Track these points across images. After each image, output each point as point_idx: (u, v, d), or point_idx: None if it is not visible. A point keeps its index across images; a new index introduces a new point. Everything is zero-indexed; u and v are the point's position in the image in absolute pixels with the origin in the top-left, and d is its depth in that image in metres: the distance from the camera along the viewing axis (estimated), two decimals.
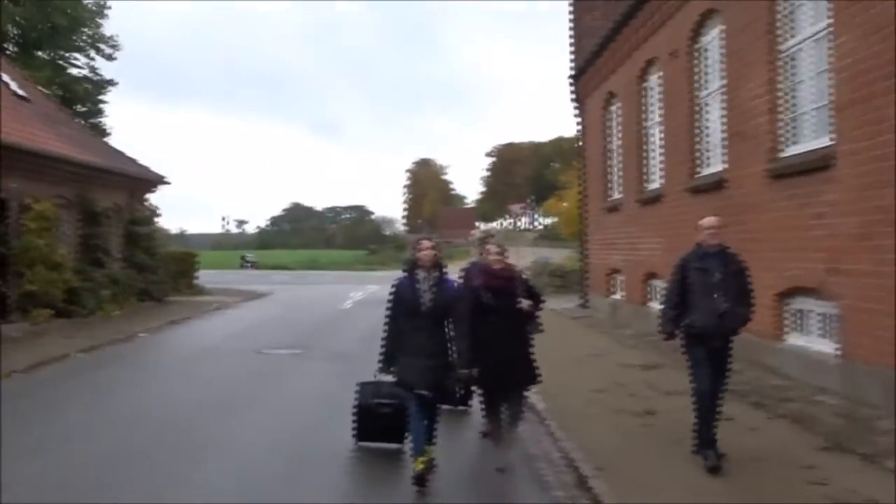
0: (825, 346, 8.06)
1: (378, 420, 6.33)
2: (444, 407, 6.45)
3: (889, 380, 6.68)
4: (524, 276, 6.35)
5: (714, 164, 11.19)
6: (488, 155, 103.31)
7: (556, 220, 52.52)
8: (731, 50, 10.19)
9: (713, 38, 11.16)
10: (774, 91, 9.01)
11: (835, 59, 7.63)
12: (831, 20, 7.74)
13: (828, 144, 7.79)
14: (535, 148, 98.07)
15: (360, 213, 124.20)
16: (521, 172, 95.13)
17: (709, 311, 5.65)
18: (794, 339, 8.79)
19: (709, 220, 5.96)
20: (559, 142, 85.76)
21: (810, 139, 8.48)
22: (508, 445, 6.10)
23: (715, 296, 5.66)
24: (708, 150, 11.55)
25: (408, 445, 5.84)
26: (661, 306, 6.23)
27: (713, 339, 5.69)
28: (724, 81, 10.50)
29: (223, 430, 7.25)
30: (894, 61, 6.56)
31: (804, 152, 8.44)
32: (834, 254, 7.68)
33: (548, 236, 62.37)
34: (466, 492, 5.62)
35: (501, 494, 5.59)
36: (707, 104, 11.54)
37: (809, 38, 8.44)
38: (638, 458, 5.97)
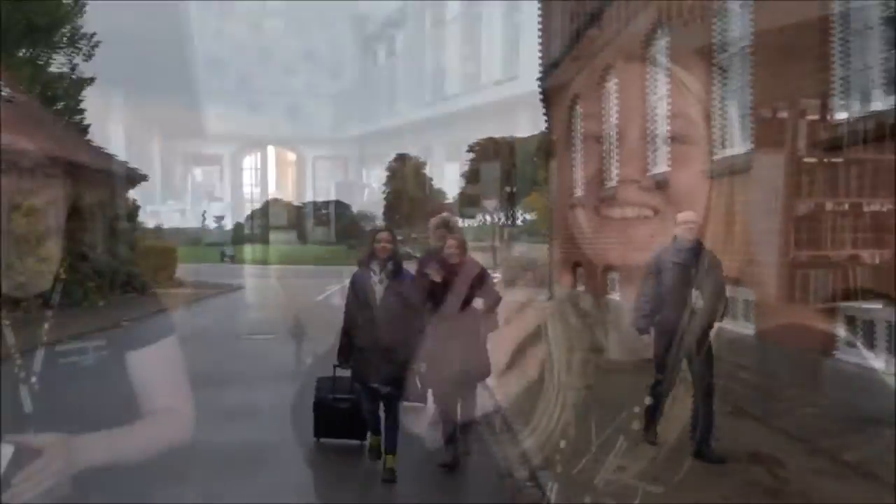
0: (746, 329, 8.99)
1: (337, 415, 6.24)
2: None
3: (794, 357, 7.64)
4: (482, 271, 6.29)
5: (660, 165, 12.10)
6: (469, 150, 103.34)
7: (535, 216, 53.01)
8: (674, 59, 11.09)
9: (662, 46, 12.05)
10: (710, 99, 9.91)
11: (753, 73, 8.56)
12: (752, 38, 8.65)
13: (748, 150, 8.71)
14: (517, 143, 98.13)
15: (339, 208, 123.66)
16: (503, 167, 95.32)
17: (684, 308, 5.58)
18: (722, 324, 9.68)
19: (686, 215, 5.89)
20: (542, 136, 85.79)
21: (739, 145, 9.39)
22: (464, 438, 6.03)
23: (692, 291, 5.59)
24: (656, 152, 12.46)
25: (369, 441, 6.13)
26: (639, 300, 6.12)
27: (687, 335, 5.65)
28: (669, 88, 11.41)
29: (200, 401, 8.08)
30: (795, 78, 7.49)
31: (732, 156, 9.35)
32: (752, 247, 8.61)
33: (528, 231, 62.86)
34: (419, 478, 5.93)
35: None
36: (656, 108, 12.43)
37: (738, 51, 9.33)
38: (567, 420, 6.84)
